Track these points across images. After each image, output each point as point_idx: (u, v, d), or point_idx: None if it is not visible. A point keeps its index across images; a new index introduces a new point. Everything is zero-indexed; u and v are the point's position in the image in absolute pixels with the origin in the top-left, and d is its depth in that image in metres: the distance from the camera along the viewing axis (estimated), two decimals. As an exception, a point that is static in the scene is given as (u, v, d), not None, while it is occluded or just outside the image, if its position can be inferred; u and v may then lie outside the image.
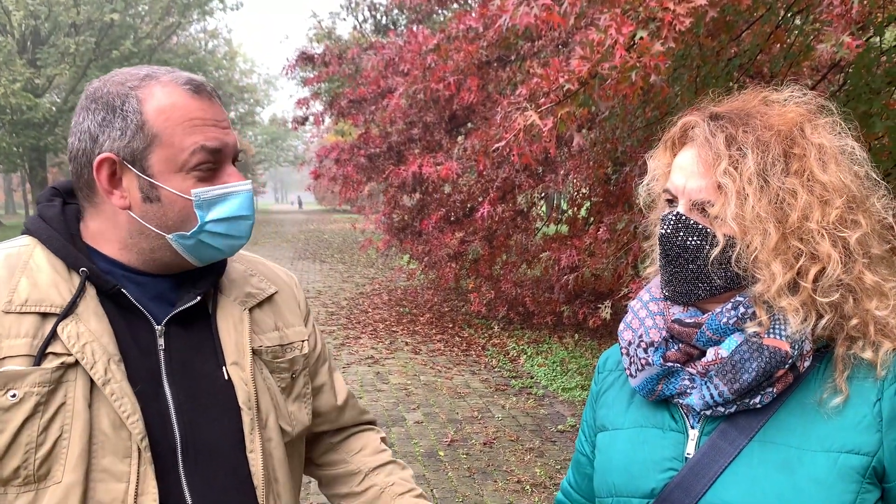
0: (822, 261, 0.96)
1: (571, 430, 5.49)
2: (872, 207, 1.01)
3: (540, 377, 6.97)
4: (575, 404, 6.15)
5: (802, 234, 0.96)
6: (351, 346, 8.32)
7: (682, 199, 1.04)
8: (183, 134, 1.07)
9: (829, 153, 0.99)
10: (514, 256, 8.47)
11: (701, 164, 1.01)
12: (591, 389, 1.31)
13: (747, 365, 0.97)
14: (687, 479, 1.02)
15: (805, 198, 0.96)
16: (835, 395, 0.98)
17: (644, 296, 1.14)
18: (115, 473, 1.02)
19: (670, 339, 1.07)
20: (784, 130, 0.99)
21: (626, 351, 1.11)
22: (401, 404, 6.14)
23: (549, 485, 4.48)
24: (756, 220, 0.96)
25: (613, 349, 1.28)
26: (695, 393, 1.03)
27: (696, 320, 1.04)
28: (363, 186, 10.01)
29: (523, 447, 5.14)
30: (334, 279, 14.45)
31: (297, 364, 1.29)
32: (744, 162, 0.97)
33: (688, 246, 1.01)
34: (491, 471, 4.70)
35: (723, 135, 1.00)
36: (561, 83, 2.95)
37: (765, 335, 0.98)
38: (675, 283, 1.05)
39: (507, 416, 5.83)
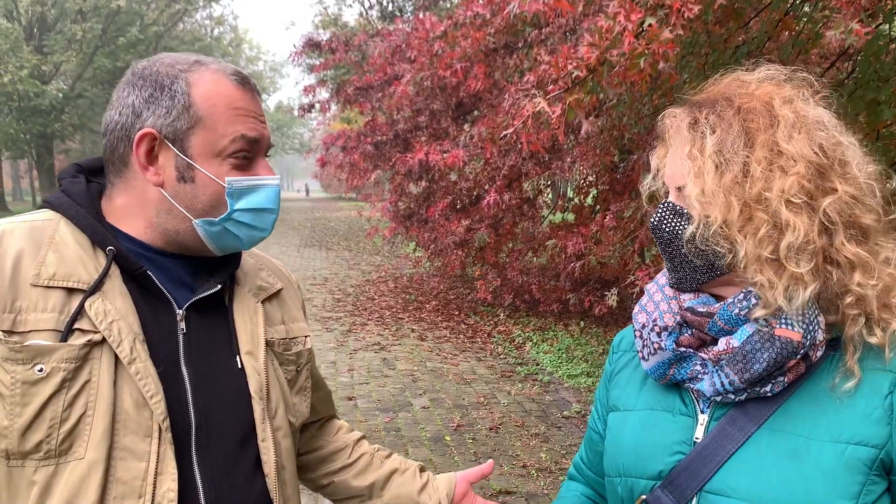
0: (788, 230, 0.95)
1: (577, 417, 5.52)
2: (851, 174, 0.99)
3: (546, 364, 7.00)
4: (580, 391, 6.19)
5: (766, 204, 0.96)
6: (357, 332, 8.37)
7: (670, 187, 1.09)
8: (226, 121, 1.09)
9: (797, 123, 1.00)
10: (520, 244, 8.47)
11: (676, 152, 1.06)
12: (604, 368, 1.33)
13: (758, 355, 0.98)
14: (694, 462, 1.03)
15: (764, 168, 0.97)
16: (847, 379, 0.98)
17: (660, 279, 1.16)
18: (136, 452, 1.02)
19: (684, 324, 1.08)
20: (747, 107, 1.01)
21: (639, 334, 1.13)
22: (407, 390, 6.18)
23: (554, 469, 4.52)
24: (715, 196, 0.98)
25: (627, 330, 1.30)
26: (706, 379, 1.04)
27: (708, 309, 1.05)
28: (370, 174, 10.01)
29: (529, 432, 5.18)
30: (340, 266, 14.49)
31: (301, 358, 1.32)
32: (703, 142, 1.01)
33: (674, 230, 1.04)
34: (497, 455, 4.74)
35: (688, 119, 1.05)
36: (569, 70, 2.96)
37: (776, 325, 0.98)
38: (676, 271, 1.07)
39: (512, 402, 5.87)
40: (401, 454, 4.93)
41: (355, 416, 5.50)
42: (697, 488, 1.02)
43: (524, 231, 8.24)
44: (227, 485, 1.11)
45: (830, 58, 5.77)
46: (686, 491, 1.03)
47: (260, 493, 1.15)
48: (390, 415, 5.53)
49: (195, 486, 1.08)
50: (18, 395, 0.98)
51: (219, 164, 1.10)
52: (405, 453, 4.75)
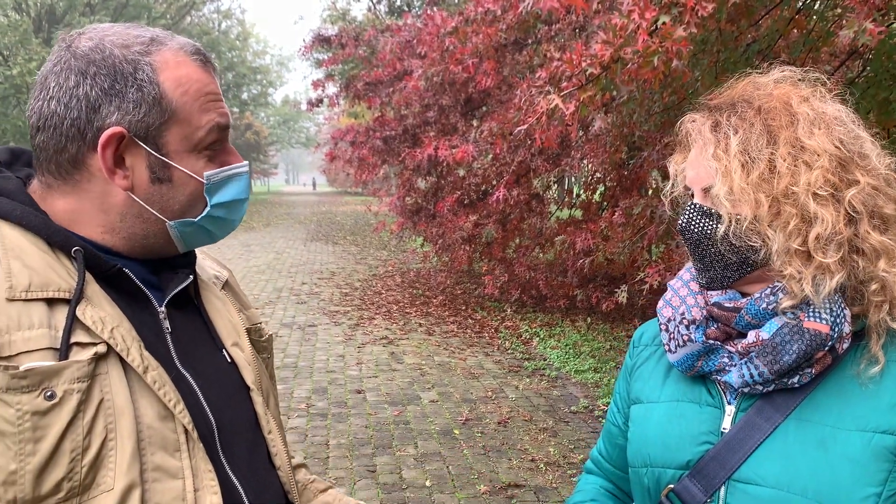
0: (816, 222, 0.99)
1: (584, 412, 5.56)
2: (872, 166, 1.02)
3: (553, 359, 7.03)
4: (587, 386, 6.22)
5: (793, 198, 1.00)
6: (365, 326, 8.41)
7: (694, 189, 1.12)
8: (200, 110, 0.98)
9: (815, 120, 1.03)
10: (527, 240, 8.49)
11: (699, 155, 1.09)
12: (624, 363, 1.35)
13: (788, 347, 1.01)
14: (722, 452, 1.06)
15: (790, 164, 1.00)
16: (872, 365, 1.01)
17: (685, 275, 1.19)
18: (169, 470, 0.91)
19: (710, 319, 1.11)
20: (767, 107, 1.05)
21: (665, 327, 1.15)
22: (416, 384, 6.22)
23: (562, 463, 4.56)
24: (744, 193, 1.02)
25: (649, 324, 1.33)
26: (734, 371, 1.06)
27: (735, 304, 1.08)
28: (378, 169, 10.05)
29: (537, 427, 5.21)
30: (347, 261, 14.53)
31: (271, 344, 1.27)
32: (728, 143, 1.04)
33: (703, 230, 1.07)
34: (505, 449, 4.78)
35: (710, 122, 1.08)
36: (583, 67, 2.99)
37: (805, 318, 1.01)
38: (706, 270, 1.10)
39: (520, 397, 5.90)
40: (410, 447, 5.00)
41: (364, 409, 5.54)
42: (726, 477, 1.04)
43: (532, 227, 8.25)
44: (257, 482, 1.05)
45: (840, 56, 5.77)
46: (714, 480, 1.05)
47: (277, 486, 1.10)
48: (399, 408, 5.57)
49: (236, 490, 1.00)
50: (29, 429, 0.83)
51: (195, 159, 1.00)
52: (415, 446, 4.80)
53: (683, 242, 1.13)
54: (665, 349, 1.16)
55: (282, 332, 8.12)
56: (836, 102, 1.07)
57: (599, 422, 5.34)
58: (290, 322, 8.64)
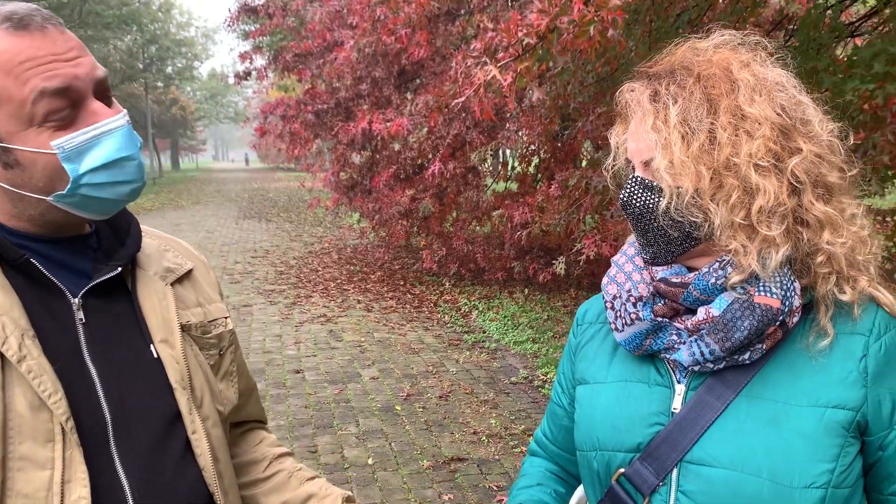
0: (758, 194, 0.96)
1: (524, 382, 5.61)
2: (815, 133, 1.00)
3: (492, 332, 7.07)
4: (527, 357, 6.28)
5: (735, 169, 0.97)
6: (302, 304, 8.27)
7: (635, 162, 1.07)
8: (17, 84, 0.90)
9: (757, 86, 1.00)
10: (464, 213, 8.48)
11: (639, 126, 1.05)
12: (568, 342, 1.31)
13: (739, 323, 0.98)
14: (674, 433, 1.03)
15: (730, 134, 0.97)
16: (821, 338, 1.00)
17: (629, 250, 1.15)
18: (37, 460, 0.91)
19: (656, 295, 1.08)
20: (706, 74, 1.01)
21: (610, 305, 1.11)
22: (356, 361, 6.16)
23: (504, 435, 4.59)
24: (685, 166, 0.98)
25: (592, 301, 1.28)
26: (683, 349, 1.03)
27: (682, 280, 1.04)
28: (310, 143, 9.84)
29: (478, 399, 5.23)
30: (282, 238, 14.27)
31: (223, 340, 1.22)
32: (667, 113, 1.00)
33: (645, 204, 1.03)
34: (447, 423, 4.78)
35: (648, 92, 1.04)
36: (520, 37, 2.94)
37: (755, 293, 0.99)
38: (650, 245, 1.06)
39: (461, 370, 5.91)
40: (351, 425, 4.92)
41: (304, 388, 5.46)
42: (678, 459, 1.02)
43: (468, 200, 8.24)
44: (156, 479, 1.02)
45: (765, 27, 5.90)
46: (666, 462, 1.03)
47: (192, 486, 1.07)
48: (339, 386, 5.51)
49: (120, 484, 0.98)
50: None
51: (36, 133, 0.93)
52: (356, 424, 4.75)
53: (626, 216, 1.09)
54: (611, 327, 1.12)
55: (216, 313, 7.91)
56: (776, 67, 1.04)
57: (539, 392, 5.40)
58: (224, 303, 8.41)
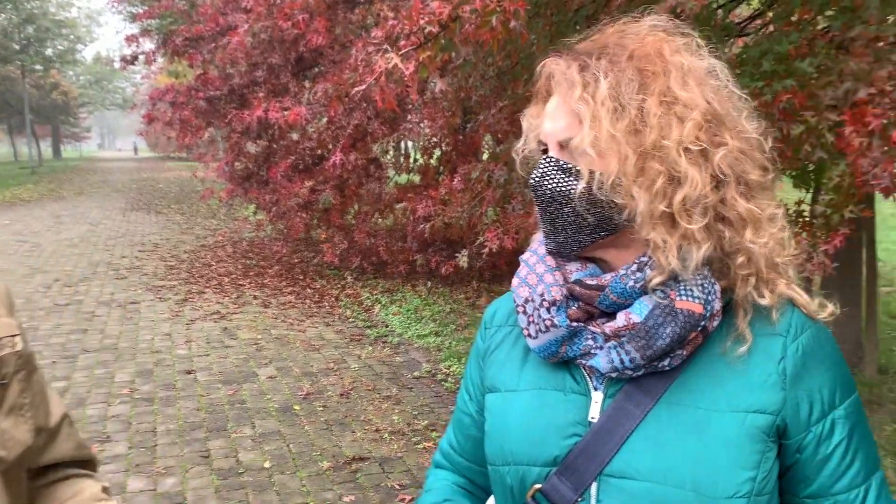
0: (684, 182, 0.91)
1: (427, 377, 5.55)
2: (741, 127, 0.96)
3: (395, 326, 6.98)
4: (430, 350, 6.22)
5: (661, 153, 0.91)
6: (194, 301, 7.90)
7: (550, 143, 0.99)
8: None
9: (689, 72, 0.95)
10: (366, 206, 8.34)
11: (561, 101, 0.97)
12: (474, 345, 1.22)
13: (661, 330, 0.92)
14: (592, 444, 0.96)
15: (662, 115, 0.91)
16: (739, 343, 0.95)
17: (539, 249, 1.07)
18: None
19: (570, 297, 1.01)
20: (640, 53, 0.95)
21: (522, 309, 1.03)
22: (252, 360, 5.92)
23: (407, 431, 4.51)
24: (612, 144, 0.91)
25: (500, 302, 1.20)
26: (601, 355, 0.97)
27: (598, 282, 0.98)
28: (202, 132, 9.41)
29: (380, 396, 5.13)
30: (172, 231, 13.64)
31: (8, 365, 1.00)
32: (597, 86, 0.93)
33: (557, 188, 0.96)
34: (349, 421, 4.66)
35: (576, 64, 0.96)
36: (422, 25, 2.84)
37: (676, 297, 0.93)
38: (556, 234, 0.99)
39: (363, 366, 5.79)
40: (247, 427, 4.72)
41: (195, 390, 5.18)
42: (597, 472, 0.95)
43: (370, 192, 8.10)
44: None
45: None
46: (585, 475, 0.96)
47: None
48: (234, 387, 5.27)
49: None
50: None
51: None
52: (252, 426, 4.55)
53: (535, 201, 1.01)
54: (524, 333, 1.04)
55: (99, 311, 7.43)
56: (710, 57, 0.99)
57: (442, 386, 5.35)
58: (109, 300, 7.94)
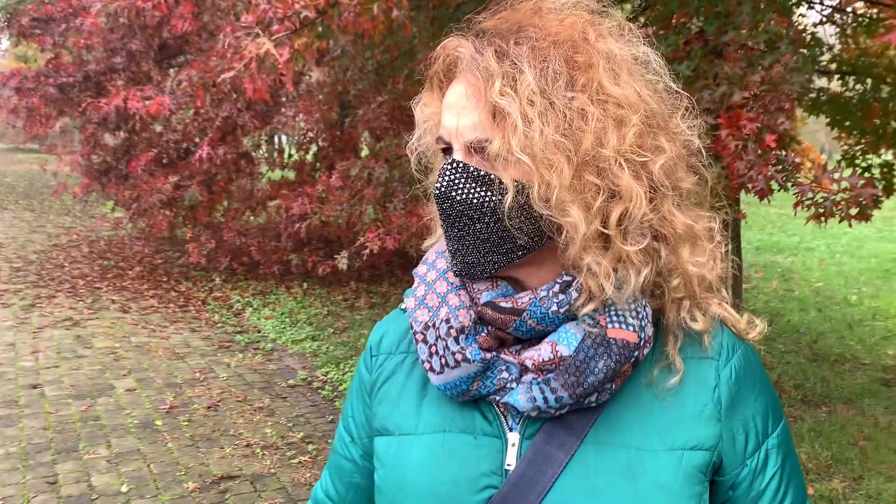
0: (624, 198, 0.77)
1: (303, 385, 5.28)
2: (676, 128, 0.84)
3: (268, 330, 6.64)
4: (305, 356, 5.95)
5: (599, 164, 0.77)
6: (43, 306, 7.19)
7: (456, 144, 0.82)
8: None
9: (620, 62, 0.81)
10: (236, 203, 7.96)
11: (472, 93, 0.80)
12: (357, 374, 1.02)
13: (592, 364, 0.78)
14: (511, 497, 0.81)
15: (598, 117, 0.77)
16: (669, 373, 0.83)
17: (438, 262, 0.90)
18: None
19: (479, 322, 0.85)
20: (563, 37, 0.80)
21: (422, 337, 0.86)
22: (108, 371, 5.42)
23: (281, 445, 4.24)
24: (545, 150, 0.76)
25: (388, 323, 1.01)
26: (520, 391, 0.81)
27: (514, 305, 0.82)
28: (54, 121, 8.64)
29: (252, 407, 4.82)
30: (20, 229, 12.48)
31: None
32: (521, 78, 0.77)
33: (471, 201, 0.80)
34: (217, 436, 4.33)
35: (491, 49, 0.79)
36: (297, 9, 2.62)
37: (607, 325, 0.80)
38: (466, 254, 0.82)
39: (233, 375, 5.44)
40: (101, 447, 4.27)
41: (42, 406, 4.66)
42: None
43: (241, 189, 7.72)
44: None
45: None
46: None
47: None
48: (87, 402, 4.78)
49: None
50: None
51: None
52: (107, 446, 4.12)
53: (439, 214, 0.84)
54: (425, 366, 0.86)
55: (-73, 319, 6.61)
56: (642, 44, 0.85)
57: (319, 394, 5.11)
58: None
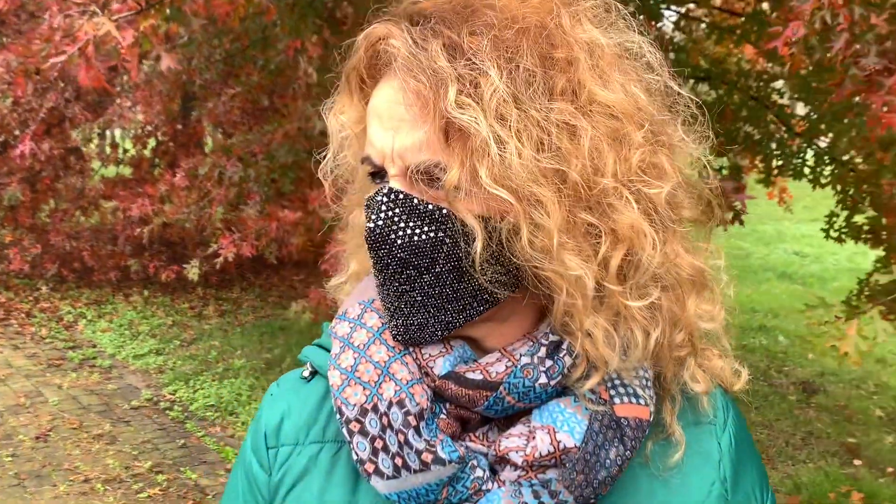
0: (624, 239, 0.60)
1: (148, 405, 4.81)
2: (676, 138, 0.67)
3: (105, 345, 6.04)
4: (150, 373, 5.45)
5: (594, 196, 0.59)
6: None
7: (392, 168, 0.62)
8: None
9: (606, 56, 0.63)
10: (65, 203, 7.28)
11: (412, 102, 0.60)
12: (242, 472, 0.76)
13: (603, 455, 0.61)
14: None
15: (591, 134, 0.59)
16: (669, 448, 0.67)
17: (368, 318, 0.68)
18: None
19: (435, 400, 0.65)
20: (532, 23, 0.61)
21: (358, 426, 0.64)
22: None
23: (125, 477, 3.81)
24: (531, 181, 0.57)
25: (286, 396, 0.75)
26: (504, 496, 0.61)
27: (485, 376, 0.63)
28: None
29: (90, 434, 4.31)
30: None
31: None
32: (485, 82, 0.58)
33: (418, 245, 0.61)
34: (48, 472, 3.81)
35: (438, 42, 0.60)
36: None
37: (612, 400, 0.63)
38: (409, 312, 0.63)
39: (65, 399, 4.86)
40: None
41: None
42: None
43: (70, 187, 7.07)
44: None
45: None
46: None
47: None
48: None
49: None
50: None
51: None
52: None
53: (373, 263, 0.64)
54: (366, 469, 0.64)
55: None
56: (628, 30, 0.67)
57: (167, 416, 4.66)
58: None
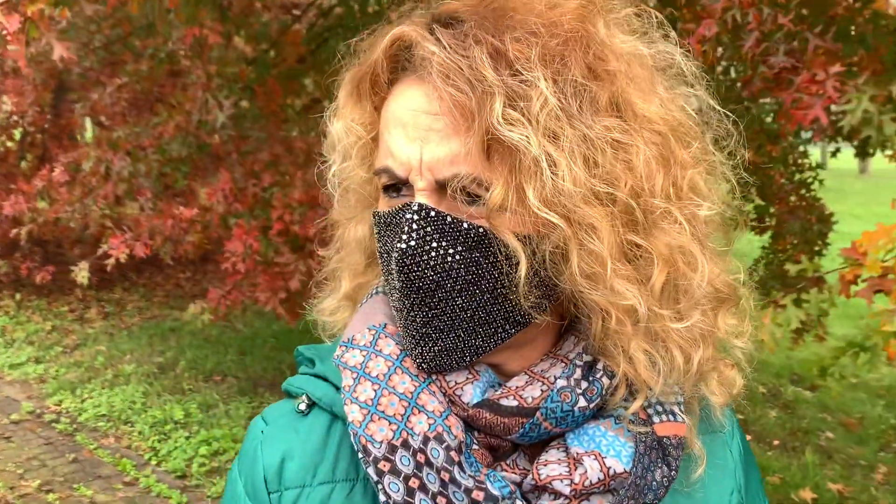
0: (671, 262, 0.59)
1: (31, 419, 4.46)
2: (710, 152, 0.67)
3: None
4: (29, 384, 5.05)
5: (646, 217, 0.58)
6: None
7: (420, 181, 0.58)
8: None
9: (647, 67, 0.62)
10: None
11: (449, 110, 0.56)
12: None
13: (650, 478, 0.60)
14: None
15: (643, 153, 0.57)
16: (690, 461, 0.67)
17: (383, 345, 0.63)
18: None
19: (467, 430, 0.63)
20: (577, 33, 0.59)
21: (387, 466, 0.58)
22: None
23: (11, 499, 3.52)
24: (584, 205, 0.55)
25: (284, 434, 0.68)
26: None
27: (521, 403, 0.60)
28: None
29: (-36, 456, 3.94)
30: None
31: None
32: (536, 94, 0.55)
33: (454, 268, 0.58)
34: (-82, 501, 3.46)
35: (481, 49, 0.56)
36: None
37: (652, 420, 0.62)
38: (439, 338, 0.60)
39: (-68, 417, 4.43)
40: None
41: None
42: None
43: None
44: None
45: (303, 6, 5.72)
46: None
47: None
48: None
49: None
50: None
51: None
52: None
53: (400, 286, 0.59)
54: None
55: None
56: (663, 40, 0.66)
57: (54, 428, 4.33)
58: None
